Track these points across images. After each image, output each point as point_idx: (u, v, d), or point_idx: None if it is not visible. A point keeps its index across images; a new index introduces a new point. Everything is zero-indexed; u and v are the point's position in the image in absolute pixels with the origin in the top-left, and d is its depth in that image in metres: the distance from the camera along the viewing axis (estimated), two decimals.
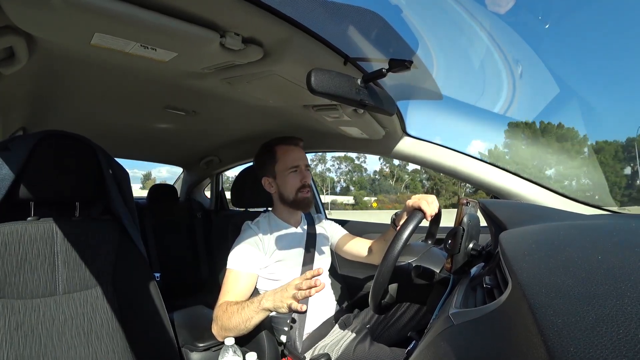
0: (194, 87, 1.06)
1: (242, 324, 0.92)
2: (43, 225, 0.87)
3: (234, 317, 0.93)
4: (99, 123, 1.50)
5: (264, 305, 0.90)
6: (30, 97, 1.11)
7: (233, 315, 0.93)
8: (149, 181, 60.57)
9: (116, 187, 1.00)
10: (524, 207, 0.80)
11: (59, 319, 0.85)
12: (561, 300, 0.27)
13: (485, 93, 1.19)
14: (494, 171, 1.16)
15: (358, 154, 55.85)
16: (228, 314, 0.95)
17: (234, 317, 0.93)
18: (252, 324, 0.92)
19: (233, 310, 0.94)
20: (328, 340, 1.09)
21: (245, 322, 0.92)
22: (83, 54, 0.83)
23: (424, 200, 0.94)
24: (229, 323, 0.94)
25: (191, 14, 0.65)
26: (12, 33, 0.68)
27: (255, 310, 0.91)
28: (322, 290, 1.22)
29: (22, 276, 0.83)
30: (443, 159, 1.23)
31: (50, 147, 0.89)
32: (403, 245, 0.76)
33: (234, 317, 0.93)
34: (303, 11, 0.71)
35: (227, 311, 0.95)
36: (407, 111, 1.23)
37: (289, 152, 1.21)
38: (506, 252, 0.42)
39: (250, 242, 1.11)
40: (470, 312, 0.46)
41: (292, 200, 1.19)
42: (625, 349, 0.21)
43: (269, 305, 0.90)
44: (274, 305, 0.89)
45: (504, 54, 1.06)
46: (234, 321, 0.93)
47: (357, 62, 0.89)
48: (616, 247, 0.37)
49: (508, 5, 0.94)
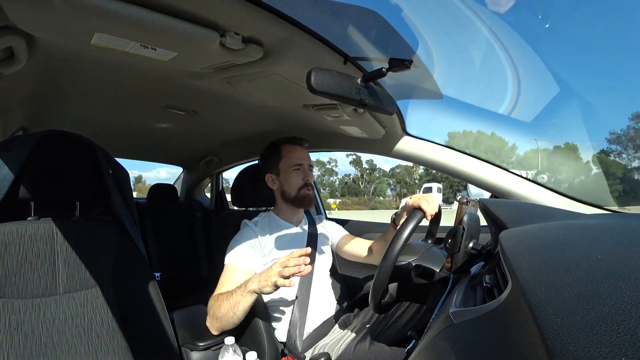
0: (194, 86, 1.06)
1: (231, 310, 0.92)
2: (43, 225, 0.87)
3: (223, 305, 0.94)
4: (99, 123, 1.50)
5: (249, 288, 0.90)
6: (30, 97, 1.11)
7: (222, 303, 0.94)
8: (139, 184, 60.17)
9: (116, 187, 1.00)
10: (524, 206, 0.81)
11: (59, 319, 0.85)
12: (561, 299, 0.28)
13: (485, 92, 1.20)
14: (494, 170, 1.16)
15: (329, 159, 57.33)
16: (218, 302, 0.96)
17: (223, 304, 0.94)
18: (241, 310, 0.92)
19: (222, 298, 0.96)
20: (328, 340, 1.09)
21: (234, 308, 0.92)
22: (83, 54, 0.83)
23: (423, 200, 0.94)
24: (218, 311, 0.95)
25: (191, 13, 0.65)
26: (11, 33, 0.68)
27: (241, 294, 0.91)
28: (322, 289, 1.23)
29: (23, 276, 0.83)
30: (443, 158, 1.23)
31: (50, 147, 0.89)
32: (403, 245, 0.76)
33: (223, 304, 0.94)
34: (303, 10, 0.71)
35: (218, 300, 0.97)
36: (407, 110, 1.23)
37: (294, 150, 1.23)
38: (506, 251, 0.42)
39: (247, 240, 1.11)
40: (470, 311, 0.46)
41: (293, 197, 1.20)
42: (624, 347, 0.21)
43: (254, 287, 0.89)
44: (259, 285, 0.88)
45: (504, 54, 1.06)
46: (223, 308, 0.93)
47: (357, 61, 0.89)
48: (616, 246, 0.37)
49: (508, 4, 0.94)
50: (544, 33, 1.01)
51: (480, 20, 0.96)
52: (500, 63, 1.08)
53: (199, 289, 2.25)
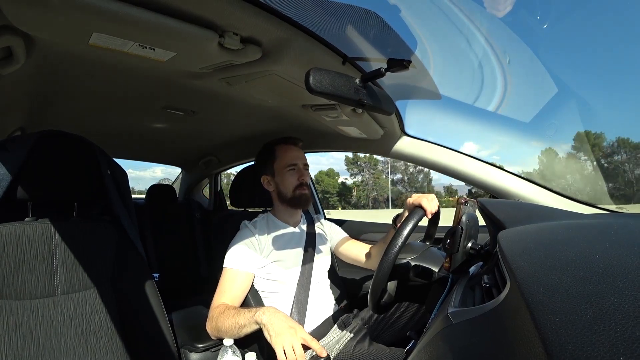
0: (192, 87, 1.05)
1: (235, 329, 0.92)
2: (41, 225, 0.87)
3: (228, 321, 0.94)
4: (97, 123, 1.50)
5: (258, 318, 0.89)
6: (28, 97, 1.11)
7: (228, 319, 0.94)
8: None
9: (115, 187, 0.99)
10: (523, 206, 0.81)
11: (57, 320, 0.85)
12: (559, 299, 0.28)
13: (484, 93, 1.20)
14: (493, 171, 1.17)
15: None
16: (224, 316, 0.95)
17: (228, 321, 0.94)
18: (244, 333, 0.92)
19: (229, 314, 0.95)
20: (327, 340, 1.09)
21: (238, 329, 0.92)
22: (81, 54, 0.82)
23: (424, 198, 0.94)
24: (223, 325, 0.95)
25: (189, 13, 0.65)
26: (10, 33, 0.67)
27: (248, 320, 0.91)
28: (321, 290, 1.23)
29: (20, 277, 0.82)
30: (441, 159, 1.23)
31: (49, 147, 0.88)
32: (404, 242, 0.76)
33: (228, 321, 0.94)
34: (302, 11, 0.71)
35: (224, 314, 0.96)
36: (406, 111, 1.23)
37: (288, 151, 1.22)
38: (504, 251, 0.42)
39: (246, 242, 1.11)
40: (468, 311, 0.46)
41: (289, 198, 1.19)
42: (622, 347, 0.21)
43: (263, 321, 0.88)
44: (267, 324, 0.87)
45: (503, 54, 1.06)
46: (228, 325, 0.93)
47: (356, 61, 0.89)
48: (614, 246, 0.37)
49: (506, 5, 0.95)
50: (542, 33, 1.01)
51: (479, 21, 0.96)
52: (499, 63, 1.08)
53: (198, 289, 2.25)
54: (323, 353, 0.84)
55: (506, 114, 1.25)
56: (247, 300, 1.08)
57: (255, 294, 1.12)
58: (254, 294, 1.11)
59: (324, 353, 0.85)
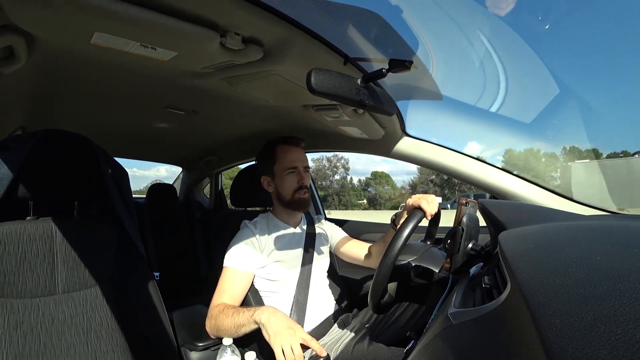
0: (193, 86, 1.05)
1: (234, 329, 0.93)
2: (42, 224, 0.87)
3: (227, 320, 0.94)
4: (98, 122, 1.50)
5: (257, 317, 0.89)
6: (29, 96, 1.11)
7: (227, 318, 0.94)
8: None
9: (115, 186, 1.00)
10: (523, 207, 0.81)
11: (58, 318, 0.85)
12: (560, 301, 0.28)
13: (486, 93, 1.20)
14: (493, 171, 1.17)
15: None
16: (223, 315, 0.96)
17: (227, 320, 0.94)
18: (243, 332, 0.92)
19: (228, 313, 0.95)
20: (327, 340, 1.09)
21: (237, 328, 0.92)
22: (83, 53, 0.82)
23: (424, 200, 0.94)
24: (222, 324, 0.95)
25: (191, 13, 0.65)
26: (11, 32, 0.67)
27: (247, 319, 0.91)
28: (321, 289, 1.23)
29: (21, 276, 0.82)
30: (442, 159, 1.23)
31: (50, 146, 0.89)
32: (403, 244, 0.76)
33: (227, 320, 0.94)
34: (303, 11, 0.71)
35: (223, 313, 0.96)
36: (407, 111, 1.23)
37: (289, 152, 1.21)
38: (505, 252, 0.42)
39: (246, 241, 1.11)
40: (469, 312, 0.46)
41: (288, 201, 1.19)
42: (623, 349, 0.21)
43: (262, 321, 0.88)
44: (267, 323, 0.87)
45: (504, 55, 1.06)
46: (227, 324, 0.94)
47: (357, 62, 0.89)
48: (615, 247, 0.37)
49: (508, 5, 0.95)
50: (544, 34, 1.01)
51: (481, 21, 0.96)
52: (501, 64, 1.08)
53: (198, 288, 2.25)
54: (323, 352, 0.85)
55: (507, 115, 1.24)
56: (247, 300, 1.08)
57: (255, 293, 1.12)
58: (254, 293, 1.11)
59: (324, 352, 0.85)
